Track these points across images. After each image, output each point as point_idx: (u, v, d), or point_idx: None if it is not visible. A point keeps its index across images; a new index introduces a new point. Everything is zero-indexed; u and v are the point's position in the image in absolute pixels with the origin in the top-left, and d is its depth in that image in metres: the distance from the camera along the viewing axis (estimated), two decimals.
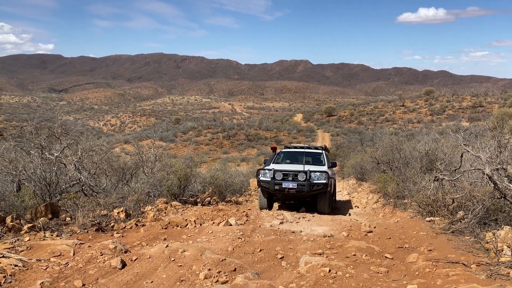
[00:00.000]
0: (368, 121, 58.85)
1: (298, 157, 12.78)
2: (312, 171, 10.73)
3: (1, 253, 5.09)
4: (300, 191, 10.57)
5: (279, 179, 10.73)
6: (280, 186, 10.64)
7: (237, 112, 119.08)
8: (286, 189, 10.60)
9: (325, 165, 12.00)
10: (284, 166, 11.53)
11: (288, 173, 10.79)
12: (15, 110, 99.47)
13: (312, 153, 13.02)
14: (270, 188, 10.79)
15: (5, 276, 4.48)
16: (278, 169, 10.92)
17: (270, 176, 10.85)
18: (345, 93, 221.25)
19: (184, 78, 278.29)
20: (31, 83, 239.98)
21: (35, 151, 9.90)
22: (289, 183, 10.60)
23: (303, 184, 10.53)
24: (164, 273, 4.95)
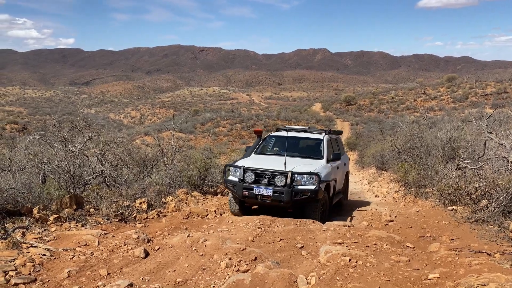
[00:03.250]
0: (388, 109, 57.94)
1: (291, 145, 9.49)
2: (297, 173, 7.58)
3: (30, 243, 5.28)
4: (278, 200, 7.49)
5: (249, 182, 7.71)
6: (251, 191, 7.61)
7: (255, 103, 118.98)
8: (258, 196, 7.59)
9: (323, 158, 8.75)
10: (262, 161, 8.40)
11: (263, 173, 7.71)
12: (38, 104, 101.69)
13: (309, 140, 9.75)
14: (237, 193, 7.82)
15: (34, 265, 4.65)
16: (249, 168, 7.86)
17: (238, 176, 7.88)
18: (364, 81, 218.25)
19: (202, 69, 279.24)
20: (53, 77, 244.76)
21: (59, 144, 10.14)
22: (262, 188, 7.54)
23: (281, 191, 7.42)
24: (186, 262, 5.04)
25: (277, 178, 7.54)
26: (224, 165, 8.96)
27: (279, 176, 7.54)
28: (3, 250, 4.97)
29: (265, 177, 7.66)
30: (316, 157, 8.83)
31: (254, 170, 7.81)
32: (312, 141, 9.64)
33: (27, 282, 4.27)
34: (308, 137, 9.74)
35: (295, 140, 9.80)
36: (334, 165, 9.02)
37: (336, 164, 9.21)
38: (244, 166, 7.88)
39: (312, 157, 8.84)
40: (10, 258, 4.74)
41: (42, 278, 4.43)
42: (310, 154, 9.05)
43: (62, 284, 4.36)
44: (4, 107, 68.39)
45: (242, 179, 7.78)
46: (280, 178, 7.52)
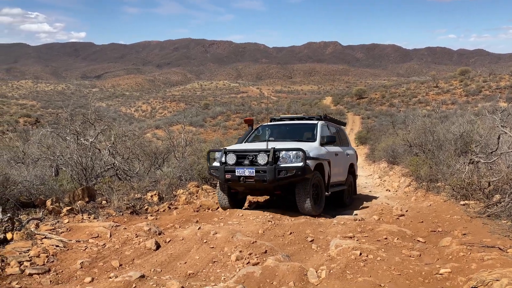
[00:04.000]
0: (400, 103, 57.37)
1: (284, 131, 9.36)
2: (280, 149, 7.23)
3: (43, 234, 5.36)
4: (261, 180, 7.06)
5: (231, 164, 7.40)
6: (233, 173, 7.24)
7: (265, 97, 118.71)
8: (241, 178, 7.18)
9: (316, 141, 8.37)
10: (248, 145, 8.18)
11: (245, 154, 7.44)
12: (51, 97, 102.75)
13: (302, 126, 9.37)
14: (220, 178, 7.51)
15: (47, 256, 4.73)
16: (231, 149, 7.65)
17: (220, 159, 7.66)
18: (376, 74, 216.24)
19: (212, 63, 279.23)
20: (65, 71, 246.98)
21: (71, 137, 10.26)
22: (244, 168, 7.17)
23: (264, 169, 7.02)
24: (197, 255, 5.08)
25: (259, 157, 7.19)
26: (207, 151, 8.67)
27: (261, 155, 7.19)
28: (18, 241, 5.06)
29: (248, 158, 7.33)
30: (309, 141, 8.47)
31: (236, 152, 7.55)
32: (305, 127, 9.24)
33: (41, 272, 4.35)
34: (301, 123, 9.46)
35: (288, 126, 9.53)
36: (331, 150, 8.69)
37: (333, 150, 8.86)
38: (226, 149, 7.70)
39: (306, 141, 8.48)
40: (25, 249, 4.82)
41: (56, 268, 4.50)
42: (303, 138, 8.70)
43: (75, 274, 4.43)
44: (18, 101, 69.27)
45: (224, 162, 7.51)
46: (262, 156, 7.16)
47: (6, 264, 4.36)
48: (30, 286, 4.03)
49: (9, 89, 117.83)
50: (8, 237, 5.14)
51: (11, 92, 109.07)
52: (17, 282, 4.05)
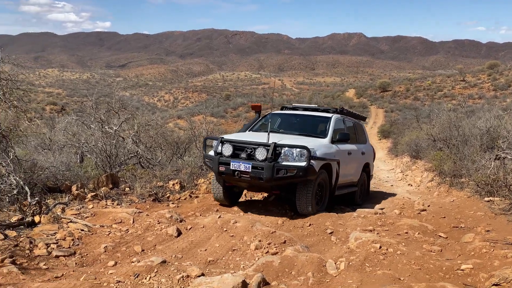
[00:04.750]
0: (425, 96, 56.18)
1: (293, 123, 8.56)
2: (281, 145, 6.46)
3: (69, 219, 5.53)
4: (257, 177, 6.32)
5: (227, 156, 6.66)
6: (227, 167, 6.53)
7: (287, 88, 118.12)
8: (236, 173, 6.45)
9: (327, 137, 7.53)
10: (250, 136, 7.33)
11: (243, 146, 6.68)
12: (76, 86, 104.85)
13: (314, 118, 8.42)
14: (213, 169, 6.88)
15: (73, 239, 4.88)
16: (228, 139, 6.86)
17: (215, 149, 6.93)
18: (401, 67, 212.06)
19: (234, 53, 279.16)
20: (90, 60, 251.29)
21: (96, 125, 10.48)
22: (240, 162, 6.43)
23: (261, 166, 6.28)
24: (217, 242, 5.16)
25: (258, 151, 6.41)
26: (204, 138, 8.03)
27: (259, 149, 6.41)
28: (45, 224, 5.24)
29: (245, 151, 6.57)
30: (319, 136, 7.63)
31: (233, 142, 6.76)
32: (317, 120, 8.31)
33: (67, 255, 4.50)
34: (313, 115, 8.48)
35: (299, 118, 8.66)
36: (343, 148, 7.83)
37: (345, 148, 7.98)
38: (222, 138, 6.91)
39: (315, 136, 7.66)
40: (51, 232, 4.99)
41: (80, 251, 4.65)
42: (312, 133, 7.81)
43: (99, 258, 4.57)
44: (44, 89, 70.96)
45: (220, 153, 6.76)
46: (261, 151, 6.39)
47: (34, 246, 4.52)
48: (56, 268, 4.17)
49: (36, 77, 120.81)
50: (36, 220, 5.33)
51: (38, 80, 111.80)
52: (44, 263, 4.21)
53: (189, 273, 3.99)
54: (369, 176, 9.93)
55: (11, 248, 4.37)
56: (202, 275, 3.96)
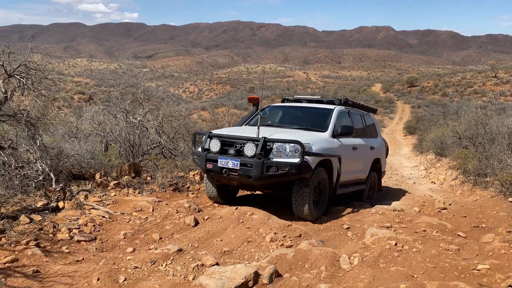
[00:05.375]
0: (454, 92, 54.74)
1: (293, 116, 7.99)
2: (272, 140, 5.92)
3: (91, 205, 5.72)
4: (246, 175, 5.84)
5: (214, 152, 6.22)
6: (215, 164, 6.08)
7: (312, 81, 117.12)
8: (224, 170, 5.99)
9: (327, 131, 6.92)
10: (242, 130, 6.81)
11: (232, 141, 6.20)
12: (104, 76, 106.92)
13: (315, 111, 7.78)
14: (201, 167, 6.47)
15: (94, 225, 5.05)
16: (215, 134, 6.41)
17: (204, 145, 6.43)
18: (430, 62, 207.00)
19: (259, 46, 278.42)
20: (117, 50, 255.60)
21: (121, 115, 10.71)
22: (228, 159, 5.98)
23: (250, 163, 5.78)
24: (233, 233, 5.24)
25: (246, 147, 5.90)
26: (193, 133, 7.50)
27: (248, 144, 5.89)
28: (68, 210, 5.44)
29: (234, 146, 6.09)
30: (319, 130, 6.99)
31: (221, 137, 6.29)
32: (318, 112, 7.66)
33: (88, 240, 4.67)
34: (315, 107, 7.84)
35: (299, 110, 8.05)
36: (346, 142, 7.16)
37: (349, 142, 7.32)
38: (211, 132, 6.47)
39: (314, 130, 7.02)
40: (74, 217, 5.18)
41: (101, 237, 4.81)
42: (312, 127, 7.16)
43: (119, 244, 4.72)
44: (73, 78, 72.64)
45: (207, 149, 6.33)
46: (250, 146, 5.87)
47: (58, 230, 4.71)
48: (77, 252, 4.34)
49: (65, 66, 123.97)
50: (60, 205, 5.54)
51: (68, 69, 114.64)
52: (66, 247, 4.38)
53: (204, 262, 4.08)
54: (380, 173, 9.23)
55: (36, 231, 4.56)
56: (216, 264, 4.05)
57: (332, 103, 7.97)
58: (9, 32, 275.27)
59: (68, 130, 11.89)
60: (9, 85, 6.69)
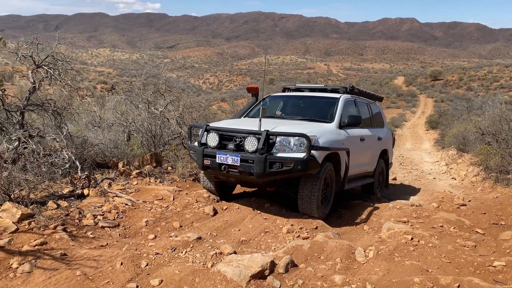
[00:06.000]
0: (479, 87, 53.48)
1: (295, 106, 7.49)
2: (275, 134, 5.39)
3: (115, 193, 5.92)
4: (247, 172, 5.33)
5: (212, 147, 5.69)
6: (213, 160, 5.58)
7: (333, 73, 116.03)
8: (223, 167, 5.48)
9: (334, 121, 6.41)
10: (242, 123, 6.22)
11: (231, 135, 5.67)
12: (126, 66, 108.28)
13: (320, 100, 7.31)
14: (197, 163, 5.88)
15: (117, 212, 5.25)
16: (213, 127, 5.85)
17: (200, 139, 5.91)
18: (455, 55, 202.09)
19: (280, 37, 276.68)
20: (139, 41, 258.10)
21: (143, 105, 10.93)
22: (227, 155, 5.46)
23: (251, 158, 5.28)
24: (250, 224, 5.36)
25: (247, 141, 5.37)
26: (189, 125, 6.87)
27: (249, 138, 5.36)
28: (93, 197, 5.65)
29: (234, 141, 5.56)
30: (325, 121, 6.48)
31: (220, 130, 5.74)
32: (323, 101, 7.17)
33: (111, 226, 4.86)
34: (319, 96, 7.37)
35: (302, 100, 7.51)
36: (353, 134, 6.72)
37: (357, 133, 6.88)
38: (208, 125, 5.93)
39: (320, 121, 6.50)
40: (98, 204, 5.38)
41: (124, 224, 5.00)
42: (317, 118, 6.64)
43: (141, 231, 4.90)
44: (96, 68, 73.89)
45: (204, 143, 5.81)
46: (251, 140, 5.35)
47: (83, 216, 4.92)
48: (102, 237, 4.53)
49: (88, 56, 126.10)
50: (85, 192, 5.75)
51: (91, 59, 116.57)
52: (91, 232, 4.58)
53: (222, 250, 4.22)
54: (387, 164, 8.83)
55: (63, 216, 4.77)
56: (234, 253, 4.19)
57: (337, 92, 7.46)
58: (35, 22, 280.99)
59: (92, 119, 12.20)
60: (37, 75, 6.94)
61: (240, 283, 3.47)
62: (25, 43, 6.93)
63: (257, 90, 7.56)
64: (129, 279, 3.58)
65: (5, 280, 3.44)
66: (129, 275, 3.62)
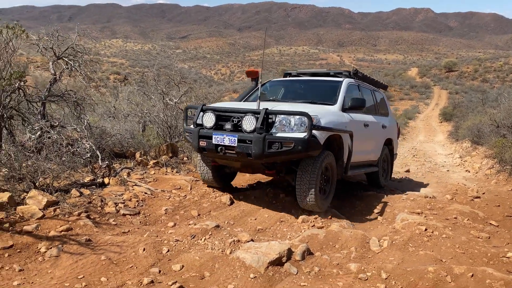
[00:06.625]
0: (495, 78, 52.59)
1: (297, 90, 7.26)
2: (275, 112, 5.11)
3: (134, 182, 6.08)
4: (245, 153, 5.05)
5: (208, 127, 5.42)
6: (209, 141, 5.30)
7: (346, 64, 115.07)
8: (220, 148, 5.21)
9: (336, 104, 6.12)
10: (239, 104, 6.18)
11: (228, 115, 5.38)
12: (138, 56, 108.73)
13: (322, 84, 7.01)
14: (193, 145, 5.61)
15: (138, 201, 5.41)
16: (210, 107, 5.60)
17: (196, 120, 5.65)
18: (470, 46, 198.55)
19: (292, 27, 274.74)
20: (151, 32, 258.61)
21: (157, 96, 11.08)
22: (224, 135, 5.17)
23: (249, 138, 4.99)
24: (266, 213, 5.48)
25: (245, 120, 5.07)
26: (185, 107, 6.38)
27: (248, 117, 5.06)
28: (113, 186, 5.82)
29: (231, 121, 5.26)
30: (327, 103, 6.18)
31: (216, 110, 5.46)
32: (325, 85, 6.89)
33: (132, 214, 5.02)
34: (321, 80, 7.09)
35: (303, 84, 7.29)
36: (357, 118, 6.45)
37: (361, 118, 6.64)
38: (204, 105, 5.65)
39: (323, 103, 6.20)
40: (119, 193, 5.54)
41: (144, 212, 5.16)
42: (320, 100, 6.33)
43: (160, 219, 5.05)
44: (109, 58, 74.33)
45: (200, 124, 5.53)
46: (249, 119, 5.04)
47: (105, 204, 5.09)
48: (123, 224, 4.69)
49: (102, 47, 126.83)
50: (106, 181, 5.92)
51: (104, 50, 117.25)
52: (113, 219, 4.74)
53: (239, 238, 4.35)
54: (392, 154, 8.56)
55: (86, 204, 4.95)
56: (251, 240, 4.31)
57: (340, 75, 7.16)
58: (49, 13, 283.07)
59: (107, 110, 12.40)
60: (57, 67, 7.11)
61: (258, 269, 3.60)
62: (46, 35, 7.10)
63: (257, 74, 7.13)
64: (152, 264, 3.73)
65: (34, 263, 3.61)
66: (151, 260, 3.77)
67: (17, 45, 6.38)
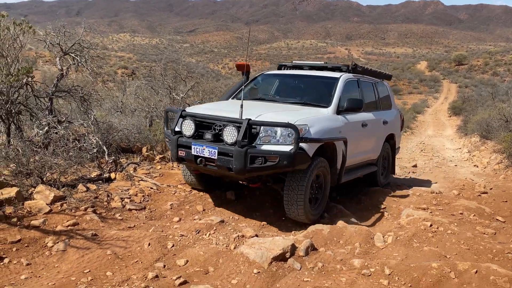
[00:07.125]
0: (506, 72, 51.94)
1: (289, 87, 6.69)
2: (258, 123, 4.60)
3: (140, 177, 6.13)
4: (225, 167, 4.63)
5: (188, 136, 4.98)
6: (188, 151, 4.87)
7: (354, 58, 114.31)
8: (199, 160, 4.75)
9: (330, 106, 5.61)
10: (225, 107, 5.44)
11: (209, 122, 4.92)
12: (146, 51, 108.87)
13: (318, 80, 6.40)
14: (171, 153, 5.22)
15: (143, 196, 5.45)
16: (189, 113, 5.08)
17: (174, 126, 5.18)
18: (481, 39, 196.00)
19: (300, 21, 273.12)
20: (159, 26, 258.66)
21: (164, 91, 11.12)
22: (203, 146, 4.73)
23: (230, 151, 4.54)
24: (271, 209, 5.53)
25: (226, 131, 4.62)
26: (165, 109, 5.94)
27: (229, 128, 4.60)
28: (120, 181, 5.87)
29: (212, 129, 4.81)
30: (321, 105, 5.67)
31: (196, 117, 4.97)
32: (320, 82, 6.32)
33: (138, 209, 5.07)
34: (316, 76, 6.43)
35: (297, 79, 6.68)
36: (354, 119, 5.94)
37: (357, 119, 6.09)
38: (183, 111, 5.14)
39: (316, 105, 5.69)
40: (125, 188, 5.60)
41: (150, 207, 5.21)
42: (313, 101, 5.83)
43: (166, 214, 5.09)
44: (116, 53, 74.48)
45: (179, 131, 5.10)
46: (230, 130, 4.59)
47: (111, 199, 5.14)
48: (129, 219, 4.74)
49: (109, 41, 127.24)
50: (112, 176, 5.98)
51: (111, 44, 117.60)
52: (119, 214, 4.79)
53: (244, 233, 4.38)
54: (394, 149, 7.98)
55: (92, 199, 5.00)
56: (256, 236, 4.34)
57: (338, 70, 6.63)
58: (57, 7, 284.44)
59: (114, 104, 12.46)
60: (64, 62, 7.15)
61: (262, 264, 3.62)
62: (53, 31, 7.14)
63: (248, 67, 6.69)
64: (157, 258, 3.77)
65: (42, 258, 3.67)
66: (156, 255, 3.82)
67: (25, 41, 6.44)
